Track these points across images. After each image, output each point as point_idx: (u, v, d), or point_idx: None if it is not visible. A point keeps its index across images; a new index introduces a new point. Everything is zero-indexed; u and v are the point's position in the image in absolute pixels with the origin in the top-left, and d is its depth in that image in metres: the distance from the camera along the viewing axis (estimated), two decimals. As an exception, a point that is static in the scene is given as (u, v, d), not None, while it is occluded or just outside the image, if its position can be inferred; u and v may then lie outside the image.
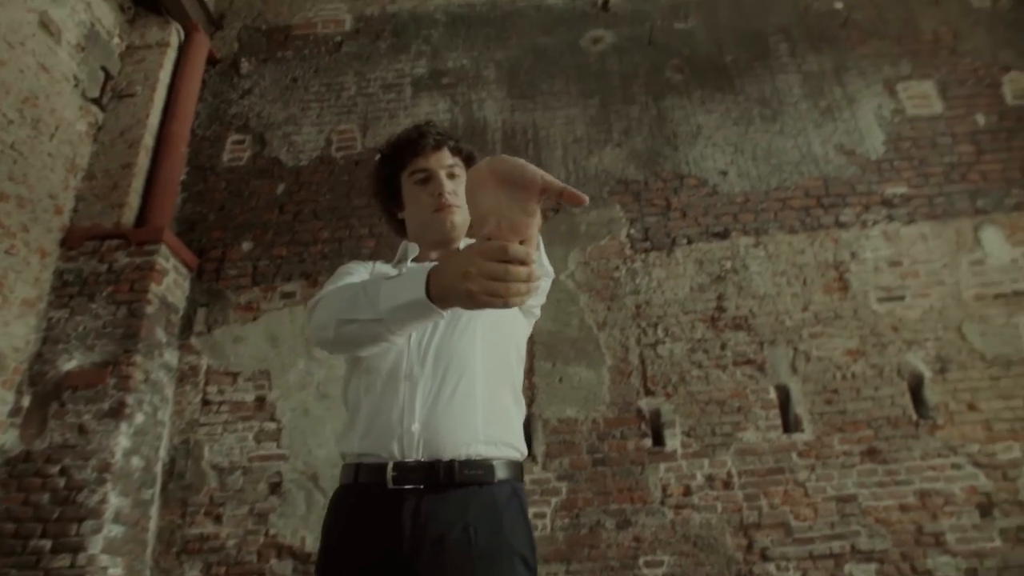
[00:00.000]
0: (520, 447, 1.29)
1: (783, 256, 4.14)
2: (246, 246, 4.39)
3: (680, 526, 3.51)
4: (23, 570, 3.19)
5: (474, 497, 1.16)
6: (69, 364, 3.65)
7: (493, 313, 1.24)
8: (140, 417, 3.66)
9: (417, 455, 1.17)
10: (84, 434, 3.49)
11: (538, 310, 1.46)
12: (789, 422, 3.72)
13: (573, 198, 0.80)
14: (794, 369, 3.83)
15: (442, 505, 1.14)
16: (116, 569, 3.33)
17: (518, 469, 1.27)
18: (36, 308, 3.75)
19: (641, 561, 3.46)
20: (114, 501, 3.40)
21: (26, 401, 3.57)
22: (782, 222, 4.25)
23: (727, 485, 3.59)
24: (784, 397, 3.78)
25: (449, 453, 1.18)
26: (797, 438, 3.65)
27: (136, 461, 3.60)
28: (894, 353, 3.79)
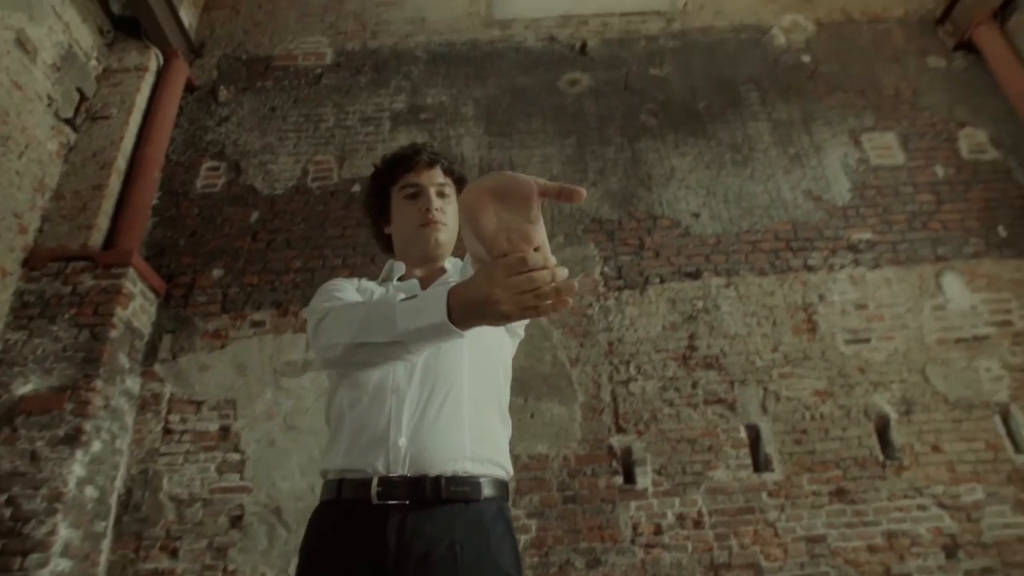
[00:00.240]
0: (506, 466, 1.28)
1: (753, 297, 4.21)
2: (216, 273, 4.31)
3: (651, 566, 3.47)
4: (-39, 606, 3.01)
5: (460, 514, 1.14)
6: (24, 388, 3.51)
7: (478, 330, 1.23)
8: (97, 445, 3.52)
9: (403, 470, 1.15)
10: (36, 461, 3.33)
11: (522, 330, 1.46)
12: (759, 461, 3.73)
13: (570, 194, 0.81)
14: (764, 409, 3.86)
15: (427, 522, 1.12)
16: (62, 606, 3.16)
17: (504, 488, 1.25)
18: (-7, 329, 3.63)
19: (611, 601, 3.40)
20: (64, 533, 3.24)
21: (-26, 426, 3.41)
22: (752, 264, 4.33)
23: (698, 524, 3.57)
24: (754, 436, 3.80)
25: (436, 469, 1.16)
26: (767, 478, 3.66)
27: (90, 491, 3.45)
28: (861, 394, 3.85)
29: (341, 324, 1.11)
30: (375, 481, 1.14)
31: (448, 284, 0.95)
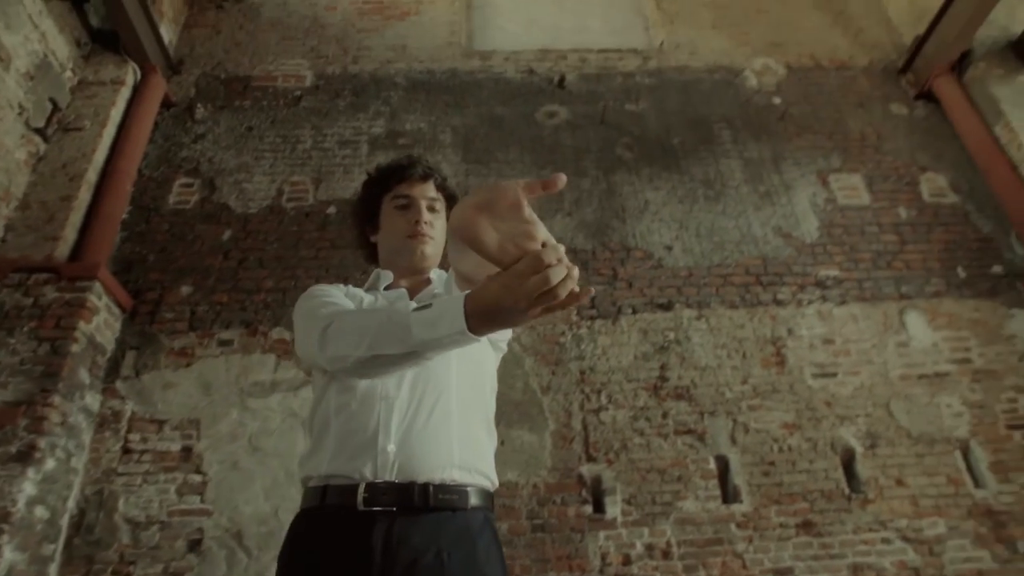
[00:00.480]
0: (492, 477, 1.27)
1: (724, 330, 4.27)
2: (185, 290, 4.23)
3: (619, 597, 3.44)
4: None
5: (447, 522, 1.12)
6: (-23, 402, 3.39)
7: None
8: (51, 463, 3.39)
9: (391, 476, 1.13)
10: (-16, 479, 3.20)
11: (504, 344, 1.46)
12: (728, 493, 3.74)
13: (551, 185, 0.83)
14: (733, 440, 3.89)
15: (414, 529, 1.10)
16: (4, 632, 3.01)
17: (490, 499, 1.24)
18: (-53, 340, 3.50)
19: (578, 633, 3.35)
20: (8, 556, 3.09)
21: (-78, 440, 3.27)
22: (723, 297, 4.40)
23: (666, 555, 3.55)
24: (723, 467, 3.82)
25: (424, 476, 1.14)
26: (736, 509, 3.67)
27: (40, 511, 3.31)
28: (828, 428, 3.91)
29: (352, 335, 1.09)
30: (362, 487, 1.12)
31: (458, 295, 0.93)
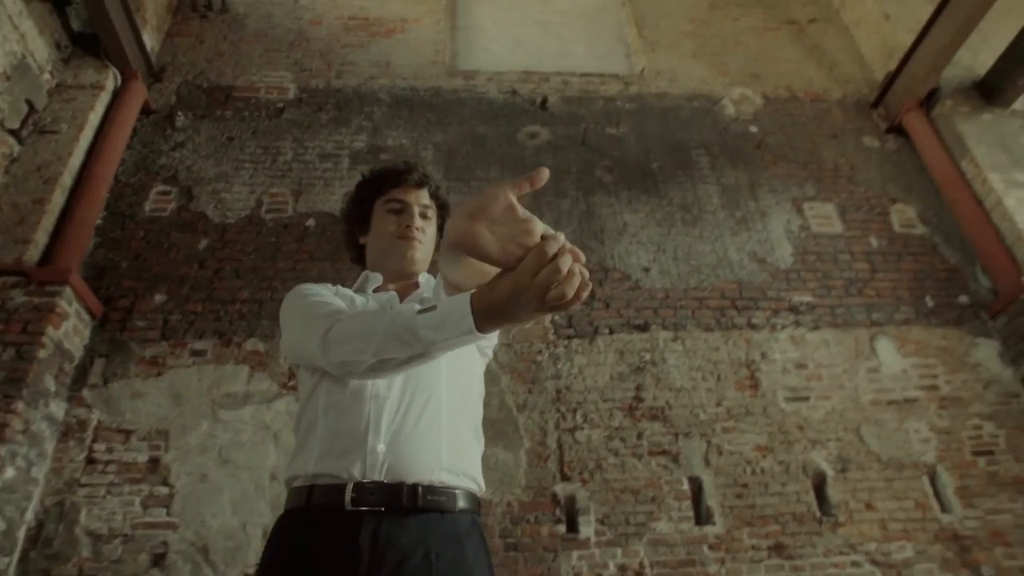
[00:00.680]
0: (480, 481, 1.26)
1: (699, 352, 4.31)
2: (159, 298, 4.16)
3: (591, 618, 3.41)
4: None
5: (435, 524, 1.12)
6: (-64, 407, 3.28)
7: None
8: (10, 472, 3.29)
9: (380, 476, 1.12)
10: (-59, 487, 3.09)
11: (491, 351, 1.47)
12: (701, 514, 3.75)
13: (536, 179, 0.84)
14: (707, 462, 3.91)
15: (402, 529, 1.09)
16: (-46, 648, 2.89)
17: (477, 503, 1.23)
18: (-92, 343, 3.39)
19: (550, 655, 3.31)
20: (-37, 568, 3.00)
21: None
22: (699, 320, 4.44)
23: (639, 576, 3.54)
24: (697, 489, 3.84)
25: (413, 477, 1.13)
26: (708, 530, 3.68)
27: (-3, 522, 3.20)
28: (800, 451, 3.95)
29: (357, 340, 1.08)
30: (350, 487, 1.11)
31: (462, 295, 0.94)
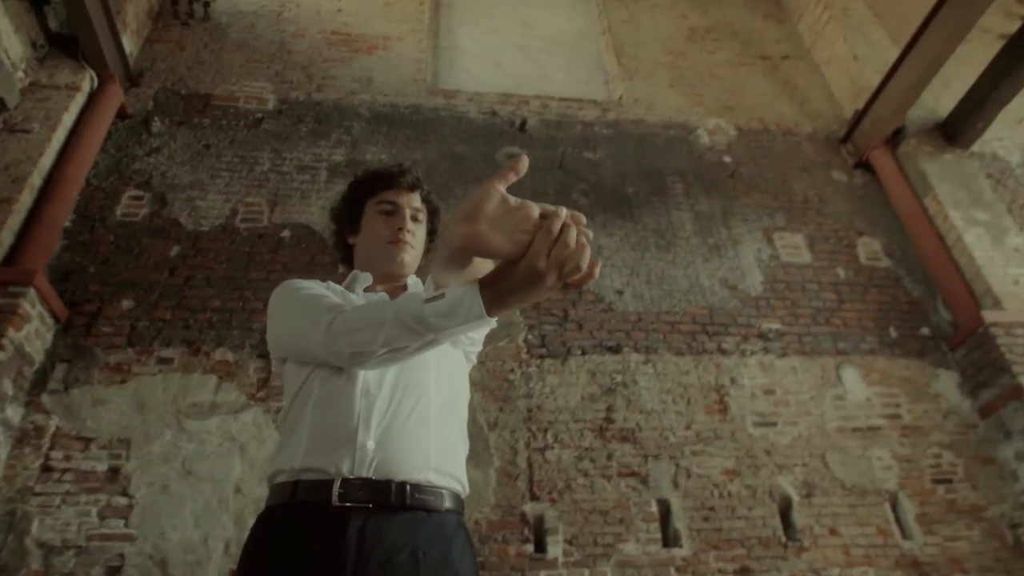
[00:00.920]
0: (464, 483, 1.27)
1: (670, 375, 4.35)
2: (126, 304, 4.08)
3: (557, 640, 3.39)
4: None
5: (423, 523, 1.11)
6: None
7: (443, 348, 1.25)
8: (-37, 478, 3.18)
9: (368, 473, 1.12)
10: None
11: (474, 357, 1.48)
12: (669, 536, 3.77)
13: (519, 167, 0.88)
14: (675, 484, 3.93)
15: (389, 527, 1.08)
16: None
17: (462, 505, 1.23)
18: None
19: (514, 676, 3.27)
20: (-94, 578, 2.87)
21: None
22: (670, 343, 4.50)
23: (606, 598, 3.53)
24: (665, 511, 3.85)
25: (401, 475, 1.13)
26: (676, 553, 3.69)
27: (-54, 530, 3.08)
28: (766, 476, 4.00)
29: (365, 330, 1.08)
30: (337, 482, 1.10)
31: (467, 283, 0.95)
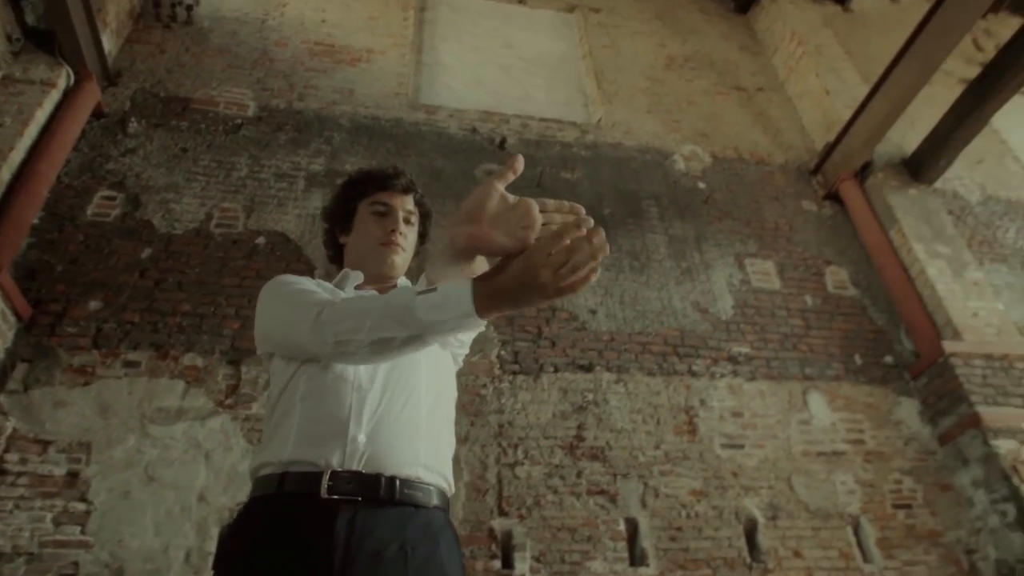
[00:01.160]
0: (451, 482, 1.27)
1: (641, 395, 4.39)
2: (93, 305, 3.99)
3: (522, 657, 3.36)
4: None
5: (411, 518, 1.11)
6: None
7: (433, 348, 1.27)
8: (-87, 479, 3.06)
9: (358, 466, 1.12)
10: None
11: (461, 360, 1.49)
12: (636, 555, 3.78)
13: (515, 166, 0.94)
14: (643, 503, 3.95)
15: (378, 520, 1.08)
16: None
17: (448, 502, 1.24)
18: None
19: None
20: None
21: None
22: (642, 364, 4.54)
23: (572, 616, 3.52)
24: (632, 530, 3.87)
25: (391, 470, 1.13)
26: (642, 572, 3.70)
27: None
28: (733, 497, 4.04)
29: (352, 319, 1.07)
30: (326, 475, 1.09)
31: (463, 280, 0.95)
